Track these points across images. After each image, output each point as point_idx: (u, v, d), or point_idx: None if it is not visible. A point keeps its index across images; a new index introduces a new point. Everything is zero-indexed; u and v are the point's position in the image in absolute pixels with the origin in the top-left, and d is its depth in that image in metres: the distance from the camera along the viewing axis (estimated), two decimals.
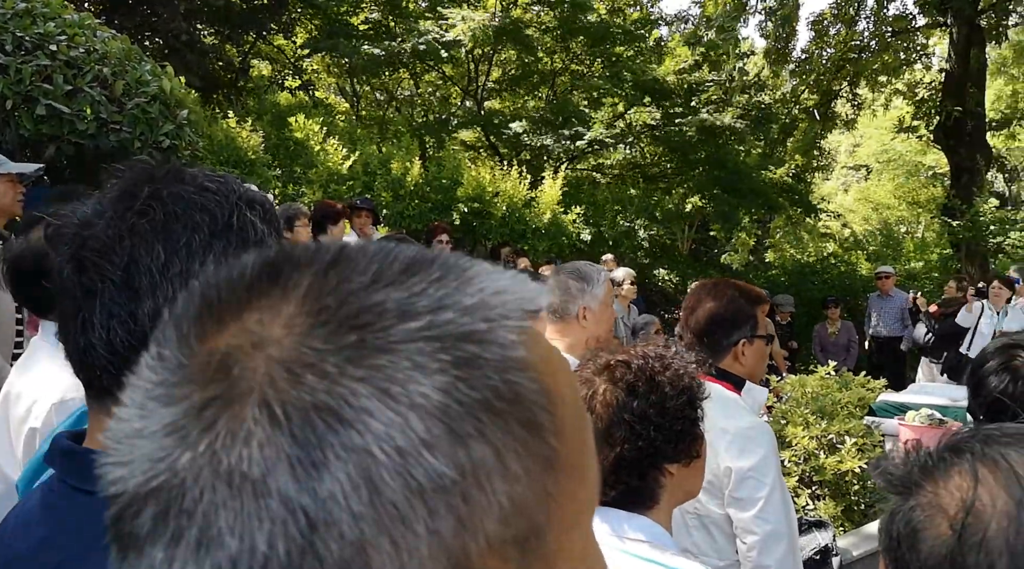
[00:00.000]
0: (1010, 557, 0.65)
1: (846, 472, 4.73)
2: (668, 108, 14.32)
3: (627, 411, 1.35)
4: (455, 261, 0.43)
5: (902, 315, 9.70)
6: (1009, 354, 1.57)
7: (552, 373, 0.43)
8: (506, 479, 0.38)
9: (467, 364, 0.38)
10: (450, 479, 0.36)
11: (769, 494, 2.10)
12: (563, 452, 0.41)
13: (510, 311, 0.41)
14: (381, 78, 14.25)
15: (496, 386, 0.38)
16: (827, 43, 16.41)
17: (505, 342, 0.40)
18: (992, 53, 17.59)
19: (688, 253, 16.24)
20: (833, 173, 29.12)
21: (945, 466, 0.74)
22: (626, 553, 1.33)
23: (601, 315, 2.68)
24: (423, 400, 0.36)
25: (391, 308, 0.38)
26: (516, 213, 10.20)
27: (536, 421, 0.40)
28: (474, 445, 0.37)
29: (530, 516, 0.39)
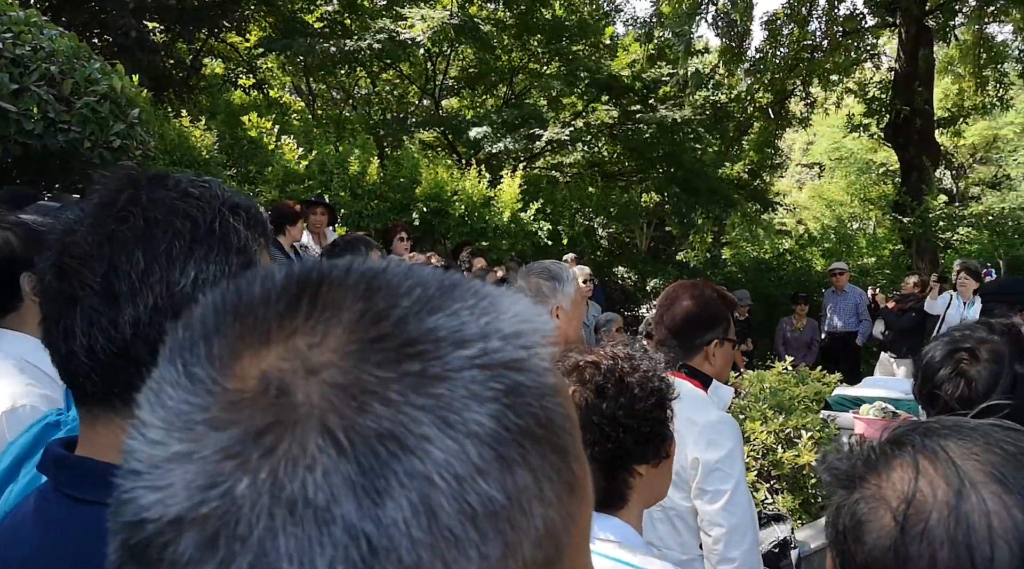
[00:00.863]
0: (951, 546, 0.66)
1: (803, 466, 4.80)
2: (625, 106, 14.41)
3: (596, 413, 1.35)
4: (474, 285, 0.44)
5: (856, 310, 9.85)
6: (955, 358, 1.56)
7: (569, 397, 0.44)
8: (543, 504, 0.39)
9: (513, 392, 0.39)
10: (500, 504, 0.37)
11: (735, 487, 2.14)
12: (580, 475, 0.43)
13: (541, 337, 0.42)
14: (337, 76, 14.11)
15: (536, 413, 0.40)
16: (780, 42, 16.65)
17: (540, 369, 0.41)
18: (939, 52, 18.01)
19: (647, 251, 16.37)
20: (787, 171, 29.59)
21: (887, 459, 0.75)
22: (596, 554, 1.33)
23: (573, 313, 2.69)
24: (478, 428, 0.37)
25: (445, 336, 0.39)
26: (475, 212, 10.19)
27: (564, 446, 0.42)
28: (519, 471, 0.38)
29: (557, 539, 0.40)
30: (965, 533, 0.67)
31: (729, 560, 2.12)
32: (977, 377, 1.53)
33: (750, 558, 2.13)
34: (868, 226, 18.38)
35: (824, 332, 10.02)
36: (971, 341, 1.57)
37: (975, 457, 0.71)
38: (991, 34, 17.72)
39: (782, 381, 6.33)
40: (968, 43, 17.39)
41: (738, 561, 2.11)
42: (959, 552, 0.66)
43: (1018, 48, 18.25)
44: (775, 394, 5.73)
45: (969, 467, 0.70)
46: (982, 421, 0.79)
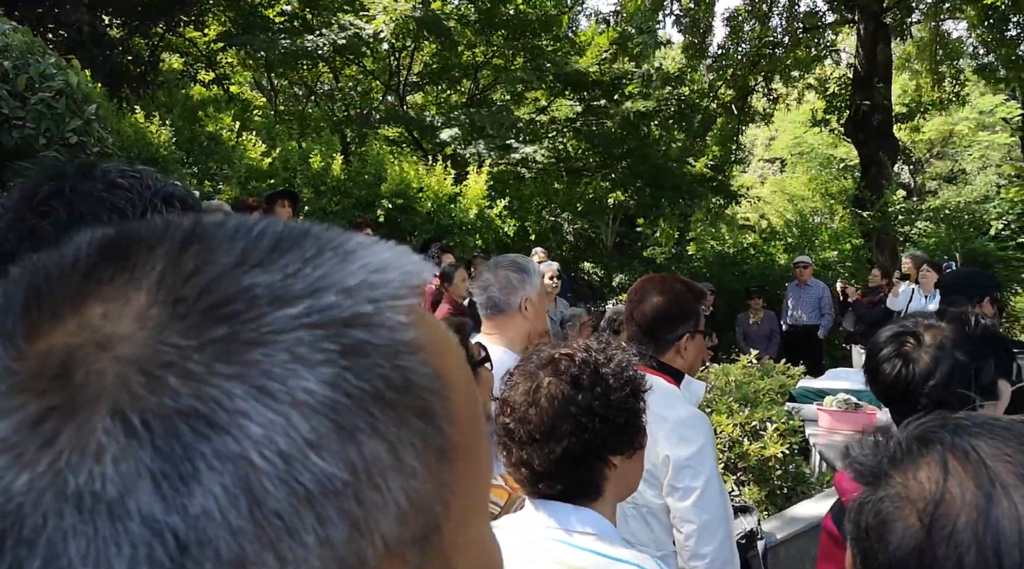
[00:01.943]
0: (978, 550, 0.65)
1: (769, 457, 4.85)
2: (590, 100, 14.44)
3: (572, 404, 1.35)
4: (330, 235, 0.39)
5: (819, 304, 9.99)
6: (900, 340, 1.60)
7: (443, 355, 0.39)
8: (402, 475, 0.35)
9: (354, 352, 0.34)
10: (341, 481, 0.32)
11: (706, 484, 2.12)
12: (458, 440, 0.39)
13: (396, 289, 0.37)
14: (299, 72, 13.94)
15: (387, 374, 0.35)
16: (742, 39, 16.81)
17: (393, 324, 0.36)
18: (897, 49, 18.32)
19: (613, 247, 16.43)
20: (750, 166, 29.92)
21: (914, 457, 0.73)
22: (574, 547, 1.34)
23: (540, 305, 2.73)
24: (307, 396, 0.32)
25: (262, 294, 0.34)
26: (442, 209, 10.14)
27: (430, 409, 0.37)
28: (366, 441, 0.33)
29: (428, 512, 0.37)
30: (994, 538, 0.65)
31: (700, 556, 2.11)
32: (917, 360, 1.55)
33: (722, 554, 2.12)
34: (831, 221, 18.63)
35: (786, 325, 10.14)
36: (919, 327, 1.60)
37: (1007, 458, 0.69)
38: (947, 31, 18.06)
39: (747, 374, 6.41)
40: (925, 40, 17.72)
41: (710, 557, 2.11)
42: (987, 557, 0.65)
43: (972, 45, 18.64)
44: (741, 387, 5.79)
45: (1001, 469, 0.68)
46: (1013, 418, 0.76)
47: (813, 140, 25.07)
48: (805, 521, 4.34)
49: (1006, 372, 1.61)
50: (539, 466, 1.36)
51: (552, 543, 1.36)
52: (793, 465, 5.02)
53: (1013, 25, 16.08)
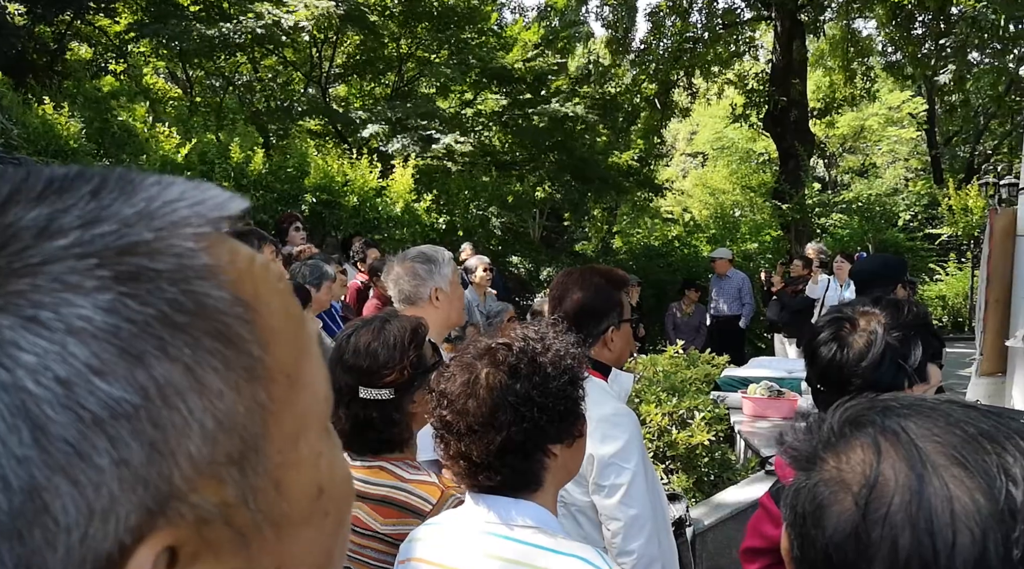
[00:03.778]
0: (912, 531, 0.65)
1: (696, 445, 4.92)
2: (515, 95, 14.44)
3: (511, 394, 1.33)
4: (120, 174, 0.39)
5: (739, 294, 10.23)
6: (838, 325, 1.65)
7: (249, 279, 0.39)
8: (204, 395, 0.35)
9: (133, 278, 0.34)
10: (130, 404, 0.33)
11: (632, 480, 2.10)
12: (270, 361, 0.39)
13: (185, 217, 0.37)
14: (216, 62, 13.51)
15: (174, 298, 0.35)
16: (664, 34, 17.09)
17: (180, 251, 0.36)
18: (811, 46, 18.91)
19: (540, 240, 16.50)
20: (672, 160, 30.46)
21: (847, 440, 0.73)
22: (515, 541, 1.32)
23: (452, 295, 2.71)
24: (83, 323, 0.32)
25: (27, 226, 0.34)
26: (368, 202, 9.99)
27: (231, 331, 0.37)
28: (156, 364, 0.34)
29: (242, 432, 0.37)
30: (927, 518, 0.65)
31: (627, 553, 2.09)
32: (852, 343, 1.61)
33: (649, 549, 2.11)
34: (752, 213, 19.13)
35: (710, 316, 10.36)
36: (856, 313, 1.66)
37: (936, 438, 0.69)
38: (857, 29, 18.72)
39: (674, 364, 6.50)
40: (837, 38, 18.34)
41: (636, 553, 2.09)
42: (921, 537, 0.65)
43: (881, 43, 19.38)
44: (668, 377, 5.87)
45: (930, 449, 0.69)
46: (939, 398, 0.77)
47: (733, 135, 25.68)
48: (731, 507, 4.42)
49: (935, 356, 1.67)
50: (478, 458, 1.34)
51: (490, 538, 1.34)
52: (719, 452, 5.12)
53: (919, 24, 16.77)
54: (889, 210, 18.59)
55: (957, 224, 18.33)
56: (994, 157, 23.85)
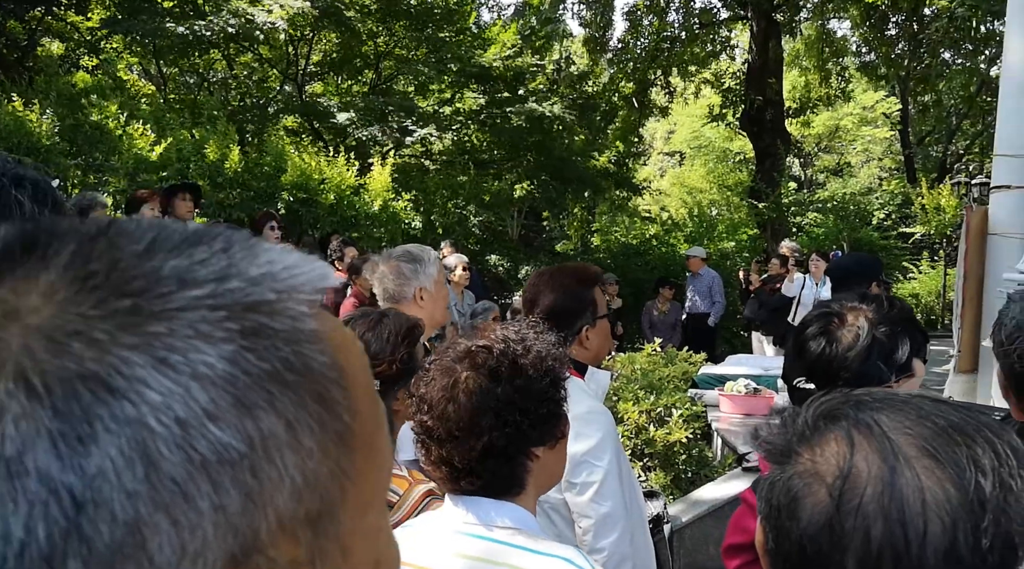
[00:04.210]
0: (884, 521, 0.66)
1: (674, 443, 4.94)
2: (493, 94, 14.43)
3: (492, 398, 1.31)
4: (242, 236, 0.41)
5: (710, 292, 10.32)
6: (826, 320, 1.67)
7: (344, 349, 0.41)
8: (298, 453, 0.36)
9: (255, 334, 0.36)
10: (237, 451, 0.34)
11: (604, 478, 2.10)
12: (357, 430, 0.41)
13: (300, 284, 0.39)
14: (190, 59, 13.36)
15: (286, 357, 0.37)
16: (641, 33, 17.16)
17: (295, 314, 0.38)
18: (787, 46, 19.08)
19: (519, 239, 16.50)
20: (650, 159, 30.60)
21: (821, 433, 0.74)
22: (496, 542, 1.31)
23: (437, 294, 2.72)
24: (206, 370, 0.34)
25: (169, 275, 0.36)
26: (345, 200, 9.93)
27: (329, 396, 0.39)
28: (263, 417, 0.35)
29: (323, 493, 0.38)
30: (899, 508, 0.67)
31: (598, 550, 2.09)
32: (840, 338, 1.62)
33: (620, 548, 2.10)
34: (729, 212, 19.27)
35: (686, 313, 10.44)
36: (843, 308, 1.68)
37: (908, 430, 0.70)
38: (832, 30, 18.91)
39: (652, 362, 6.53)
40: (812, 38, 18.50)
41: (607, 551, 2.09)
42: (893, 527, 0.66)
43: (856, 43, 19.58)
44: (646, 375, 5.89)
45: (902, 441, 0.70)
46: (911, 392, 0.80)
47: (710, 134, 25.83)
48: (708, 503, 4.45)
49: (919, 351, 1.70)
50: (460, 463, 1.32)
51: (468, 538, 1.33)
52: (697, 449, 5.14)
53: (892, 25, 16.97)
54: (863, 209, 18.80)
55: (930, 223, 18.56)
56: (966, 157, 24.20)
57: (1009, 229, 6.36)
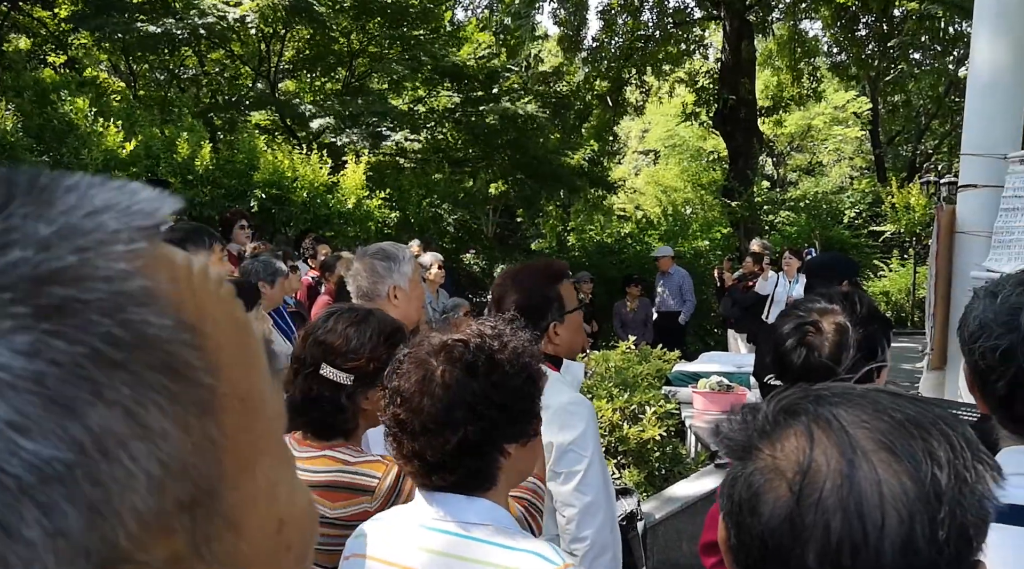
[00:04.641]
0: (843, 514, 0.67)
1: (648, 440, 4.96)
2: (468, 92, 14.40)
3: (468, 392, 1.29)
4: (24, 178, 0.32)
5: (680, 291, 10.38)
6: (801, 330, 1.67)
7: (191, 296, 0.34)
8: (148, 440, 0.30)
9: (58, 312, 0.29)
10: (63, 463, 0.28)
11: (588, 467, 2.13)
12: (224, 388, 0.34)
13: (114, 233, 0.31)
14: (160, 56, 13.18)
15: (110, 331, 0.30)
16: (615, 32, 17.22)
17: (112, 274, 0.31)
18: (760, 46, 19.24)
19: (494, 237, 16.49)
20: (625, 157, 30.72)
21: (781, 428, 0.74)
22: (469, 538, 1.30)
23: (412, 293, 2.69)
24: (1, 373, 0.27)
25: None
26: (318, 198, 9.86)
27: (179, 361, 0.32)
28: (90, 412, 0.29)
29: (193, 474, 0.32)
30: (857, 501, 0.67)
31: (581, 539, 2.12)
32: (820, 345, 1.63)
33: (602, 536, 2.14)
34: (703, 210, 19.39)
35: (656, 312, 10.49)
36: (815, 314, 1.67)
37: (865, 424, 0.71)
38: (804, 30, 19.10)
39: (626, 360, 6.54)
40: (784, 38, 18.67)
41: (590, 539, 2.12)
42: (851, 520, 0.67)
43: (827, 44, 19.79)
44: (620, 373, 5.90)
45: (860, 435, 0.70)
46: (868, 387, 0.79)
47: (684, 133, 25.98)
48: (682, 500, 4.47)
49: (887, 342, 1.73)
50: (432, 457, 1.30)
51: (441, 534, 1.32)
52: (670, 447, 5.16)
53: (862, 26, 17.17)
54: (835, 207, 19.00)
55: (900, 221, 18.80)
56: (935, 156, 24.54)
57: (976, 228, 6.46)
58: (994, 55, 6.86)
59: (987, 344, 1.11)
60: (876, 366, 1.62)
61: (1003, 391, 1.10)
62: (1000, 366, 1.10)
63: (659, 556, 4.35)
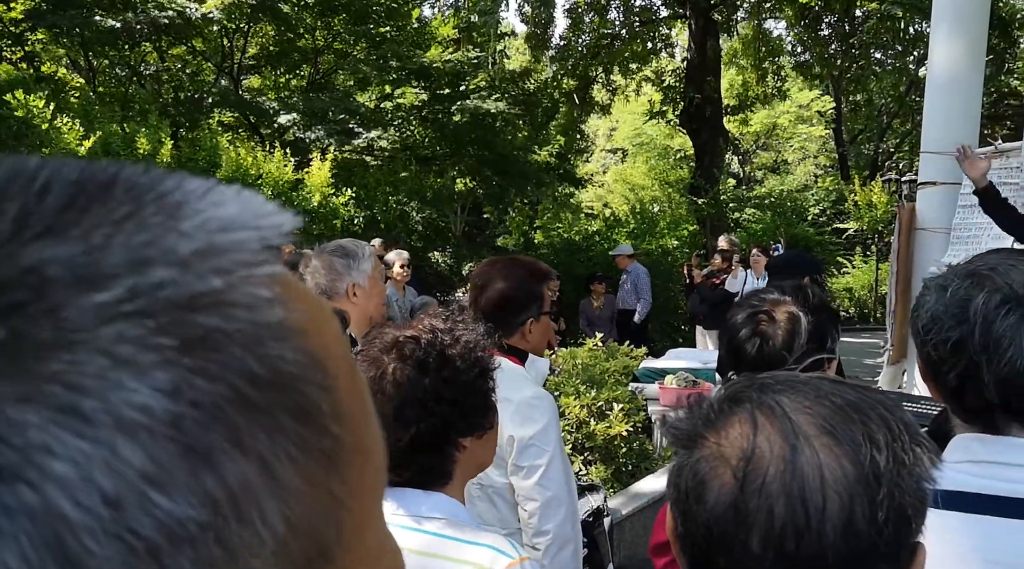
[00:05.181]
0: (786, 499, 0.68)
1: (615, 436, 4.97)
2: (435, 90, 14.33)
3: (419, 389, 1.30)
4: (148, 180, 0.28)
5: (636, 289, 10.42)
6: (755, 320, 1.69)
7: (320, 333, 0.30)
8: (279, 498, 0.26)
9: (203, 346, 0.25)
10: (196, 523, 0.23)
11: (549, 462, 2.15)
12: (347, 439, 0.30)
13: (253, 253, 0.27)
14: (120, 52, 12.95)
15: (251, 369, 0.25)
16: (582, 30, 17.28)
17: (253, 302, 0.26)
18: (725, 45, 19.42)
19: (462, 236, 16.44)
20: (593, 155, 30.83)
21: (726, 416, 0.75)
22: (425, 533, 1.31)
23: (371, 291, 2.69)
24: (139, 415, 0.23)
25: (58, 275, 0.24)
26: (283, 196, 9.75)
27: (311, 405, 0.28)
28: (227, 464, 0.24)
29: (315, 536, 0.28)
30: (799, 485, 0.68)
31: (543, 533, 2.14)
32: (773, 335, 1.64)
33: (564, 530, 2.16)
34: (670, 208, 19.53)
35: (617, 309, 10.54)
36: (767, 304, 1.70)
37: (807, 410, 0.72)
38: (768, 29, 19.31)
39: (593, 357, 6.56)
40: (749, 37, 18.87)
41: (552, 533, 2.14)
42: (794, 504, 0.68)
43: (791, 43, 20.03)
44: (587, 370, 5.92)
45: (802, 420, 0.71)
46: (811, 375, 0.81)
47: (652, 131, 26.14)
48: (648, 496, 4.49)
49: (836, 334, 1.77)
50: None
51: (397, 530, 1.30)
52: (637, 443, 5.18)
53: (825, 25, 17.40)
54: (799, 205, 19.27)
55: (862, 219, 19.08)
56: (896, 154, 24.94)
57: (935, 224, 6.59)
58: (952, 55, 6.99)
59: (938, 337, 1.12)
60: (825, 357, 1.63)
61: (954, 382, 1.12)
62: (951, 358, 1.11)
63: (625, 551, 4.36)
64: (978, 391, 1.09)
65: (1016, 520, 1.04)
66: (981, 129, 7.46)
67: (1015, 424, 1.10)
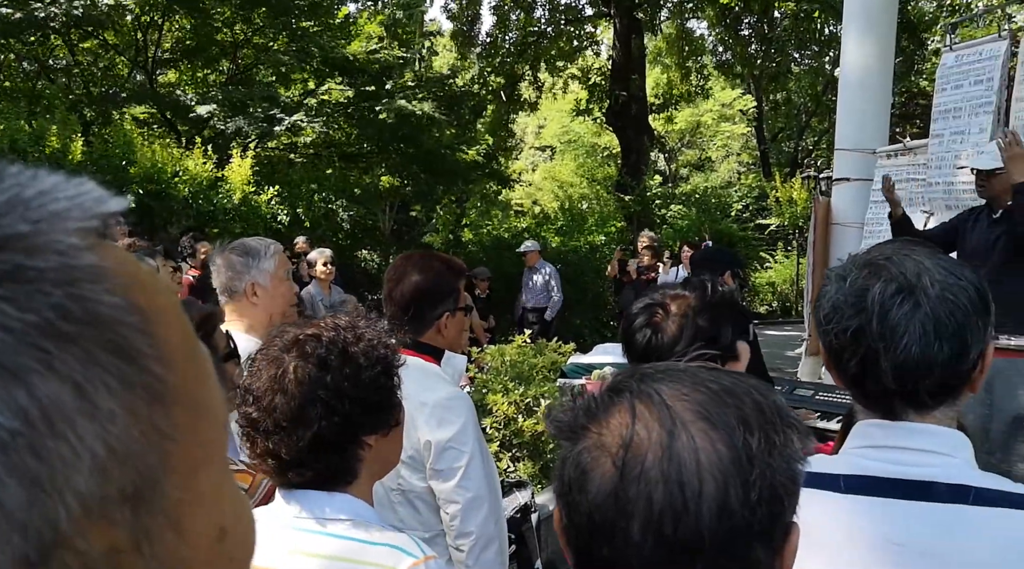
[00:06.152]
0: (665, 484, 0.69)
1: (542, 432, 4.97)
2: (359, 87, 14.13)
3: (321, 387, 1.28)
4: None
5: (547, 286, 10.44)
6: (650, 311, 1.69)
7: (144, 287, 0.34)
8: (95, 419, 0.29)
9: (10, 278, 0.29)
10: (6, 430, 0.27)
11: (468, 462, 2.12)
12: (174, 382, 0.34)
13: (65, 209, 0.31)
14: (26, 44, 12.39)
15: (62, 304, 0.29)
16: (509, 28, 17.30)
17: (63, 247, 0.30)
18: (649, 44, 19.71)
19: (391, 234, 16.26)
20: (522, 153, 30.93)
21: (607, 407, 0.76)
22: (329, 535, 1.29)
23: (275, 290, 2.61)
24: None
25: None
26: (201, 195, 9.47)
27: (130, 345, 0.31)
28: (39, 382, 0.28)
29: (138, 463, 0.31)
30: (677, 470, 0.69)
31: (466, 534, 2.12)
32: (664, 328, 1.65)
33: (487, 529, 2.14)
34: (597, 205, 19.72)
35: (521, 307, 10.54)
36: (666, 298, 1.70)
37: (685, 397, 0.74)
38: (691, 29, 19.68)
39: (522, 353, 6.55)
40: (672, 36, 19.20)
41: (475, 534, 2.11)
42: (672, 489, 0.68)
43: (713, 43, 20.45)
44: (515, 366, 5.90)
45: (680, 407, 0.73)
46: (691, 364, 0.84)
47: (579, 129, 26.37)
48: None
49: (743, 333, 1.74)
50: (287, 455, 1.28)
51: (303, 534, 1.30)
52: None
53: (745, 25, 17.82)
54: (723, 202, 19.69)
55: (784, 215, 19.63)
56: (815, 152, 25.74)
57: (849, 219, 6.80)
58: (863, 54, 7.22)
59: (839, 326, 1.14)
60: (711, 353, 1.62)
61: (855, 370, 1.14)
62: (851, 346, 1.13)
63: (553, 547, 4.36)
64: (877, 378, 1.11)
65: (914, 501, 1.07)
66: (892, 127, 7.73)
67: (911, 410, 1.13)
